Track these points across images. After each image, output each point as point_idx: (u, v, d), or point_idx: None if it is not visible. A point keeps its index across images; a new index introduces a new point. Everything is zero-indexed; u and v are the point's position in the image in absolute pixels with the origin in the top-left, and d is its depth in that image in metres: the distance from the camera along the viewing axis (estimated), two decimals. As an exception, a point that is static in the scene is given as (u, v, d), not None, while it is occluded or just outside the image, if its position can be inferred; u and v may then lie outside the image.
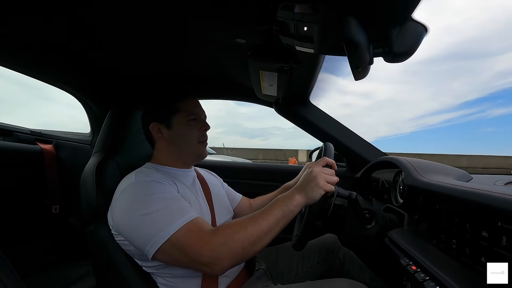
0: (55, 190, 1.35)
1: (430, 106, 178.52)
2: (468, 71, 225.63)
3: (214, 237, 0.60)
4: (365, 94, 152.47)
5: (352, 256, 0.99)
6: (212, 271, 0.60)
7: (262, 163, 1.69)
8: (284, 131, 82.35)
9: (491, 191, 0.50)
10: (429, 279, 0.55)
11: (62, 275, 1.20)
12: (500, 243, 0.48)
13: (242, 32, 0.74)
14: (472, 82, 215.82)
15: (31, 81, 1.12)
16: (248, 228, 0.62)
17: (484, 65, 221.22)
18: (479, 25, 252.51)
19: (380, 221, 0.85)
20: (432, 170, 0.82)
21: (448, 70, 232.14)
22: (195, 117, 0.84)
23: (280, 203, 0.67)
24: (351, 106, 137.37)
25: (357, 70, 0.54)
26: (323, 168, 0.72)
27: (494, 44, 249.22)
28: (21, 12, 0.70)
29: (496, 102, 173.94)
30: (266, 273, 0.88)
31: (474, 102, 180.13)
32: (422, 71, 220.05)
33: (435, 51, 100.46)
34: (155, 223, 0.61)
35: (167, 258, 0.62)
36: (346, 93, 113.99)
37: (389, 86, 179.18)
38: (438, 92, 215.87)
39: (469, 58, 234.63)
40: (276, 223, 0.64)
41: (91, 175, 0.79)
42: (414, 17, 0.48)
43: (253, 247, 0.62)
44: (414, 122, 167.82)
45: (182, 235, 0.60)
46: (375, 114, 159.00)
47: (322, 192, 0.68)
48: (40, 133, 1.41)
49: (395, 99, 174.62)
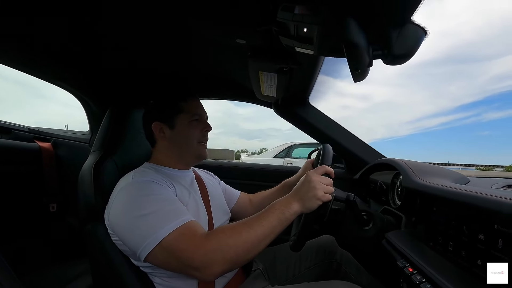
0: (53, 189, 1.34)
1: (427, 109, 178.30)
2: (464, 74, 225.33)
3: (207, 242, 0.60)
4: (363, 97, 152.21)
5: (349, 257, 0.99)
6: (203, 276, 0.59)
7: (261, 164, 1.69)
8: (281, 132, 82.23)
9: (488, 194, 0.50)
10: (425, 281, 0.55)
11: (60, 273, 1.19)
12: (496, 246, 0.48)
13: (242, 32, 0.74)
14: (468, 85, 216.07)
15: (26, 79, 1.12)
16: (242, 234, 0.61)
17: (480, 69, 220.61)
18: (475, 29, 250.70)
19: (378, 223, 0.85)
20: (430, 172, 0.82)
21: (444, 73, 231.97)
22: (197, 117, 0.84)
23: (276, 210, 0.66)
24: (349, 108, 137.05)
25: (357, 72, 0.54)
26: (322, 178, 0.70)
27: (490, 48, 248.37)
28: (21, 11, 0.70)
29: (492, 105, 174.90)
30: (263, 273, 0.88)
31: (470, 105, 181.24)
32: (418, 74, 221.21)
33: (431, 54, 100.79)
34: (149, 225, 0.61)
35: (159, 261, 0.62)
36: (344, 95, 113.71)
37: (386, 88, 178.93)
38: (434, 95, 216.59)
39: (465, 62, 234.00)
40: (271, 230, 0.63)
41: (89, 174, 0.78)
42: (414, 19, 0.48)
43: (247, 254, 0.61)
44: (411, 124, 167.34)
45: (174, 239, 0.59)
46: (372, 117, 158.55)
47: (319, 203, 0.67)
48: (38, 131, 1.41)
49: (392, 102, 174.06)
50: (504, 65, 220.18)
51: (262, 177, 1.54)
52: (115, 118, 0.91)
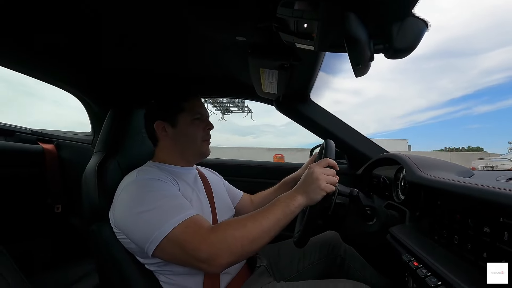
0: (57, 190, 1.35)
1: (418, 103, 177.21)
2: (455, 69, 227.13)
3: (213, 234, 0.60)
4: (355, 92, 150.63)
5: (353, 252, 0.99)
6: (210, 268, 0.59)
7: (263, 161, 1.69)
8: (275, 128, 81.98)
9: (493, 186, 0.50)
10: (431, 275, 0.55)
11: (65, 274, 1.20)
12: (502, 239, 0.48)
13: (242, 29, 0.73)
14: (458, 79, 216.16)
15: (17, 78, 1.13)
16: (248, 226, 0.62)
17: (470, 63, 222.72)
18: (464, 23, 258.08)
19: (382, 217, 0.85)
20: (433, 166, 0.82)
21: (435, 67, 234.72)
22: (199, 116, 0.85)
23: (281, 203, 0.67)
24: (341, 103, 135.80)
25: (358, 66, 0.54)
26: (325, 169, 0.71)
27: (479, 43, 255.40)
28: (22, 11, 0.70)
29: (481, 99, 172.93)
30: (267, 269, 0.88)
31: (460, 99, 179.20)
32: (410, 69, 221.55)
33: (423, 49, 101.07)
34: (154, 220, 0.61)
35: (166, 255, 0.62)
36: (337, 90, 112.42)
37: (378, 83, 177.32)
38: (425, 90, 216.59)
39: (455, 56, 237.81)
40: (276, 222, 0.64)
41: (92, 175, 0.79)
42: (415, 12, 0.48)
43: (252, 245, 0.61)
44: (403, 119, 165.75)
45: (180, 231, 0.60)
46: (365, 111, 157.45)
47: (323, 193, 0.68)
48: (41, 133, 1.42)
49: (384, 97, 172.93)
50: (493, 59, 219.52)
51: (265, 174, 1.54)
52: (117, 119, 0.91)
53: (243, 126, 74.31)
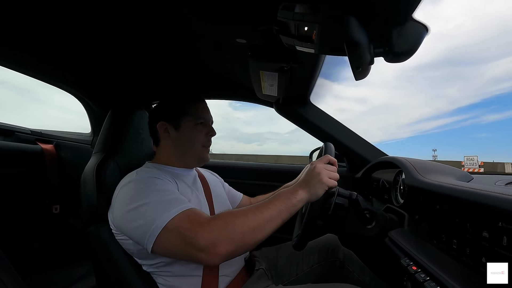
0: (56, 190, 1.35)
1: (425, 111, 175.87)
2: (462, 77, 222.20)
3: (212, 221, 0.60)
4: (360, 99, 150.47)
5: (352, 256, 0.99)
6: (208, 258, 0.57)
7: (263, 163, 1.69)
8: (280, 136, 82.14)
9: (492, 191, 0.50)
10: (429, 279, 0.55)
11: (63, 275, 1.20)
12: (501, 243, 0.47)
13: (242, 32, 0.74)
14: (465, 88, 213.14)
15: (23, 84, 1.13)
16: (249, 215, 0.61)
17: (477, 72, 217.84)
18: (471, 32, 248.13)
19: (381, 221, 0.84)
20: (433, 170, 0.82)
21: (441, 76, 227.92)
22: (203, 121, 0.85)
23: (283, 196, 0.66)
24: (347, 111, 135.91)
25: (358, 70, 0.54)
26: (326, 165, 0.72)
27: (486, 51, 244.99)
28: (22, 12, 0.70)
29: (489, 108, 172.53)
30: (266, 273, 0.87)
31: (468, 108, 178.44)
32: (416, 77, 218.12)
33: (429, 57, 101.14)
34: (152, 212, 0.61)
35: (165, 247, 0.60)
36: (342, 98, 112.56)
37: (384, 91, 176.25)
38: (432, 98, 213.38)
39: (462, 65, 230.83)
40: (278, 214, 0.62)
41: (91, 175, 0.79)
42: (415, 17, 0.48)
43: (253, 234, 0.59)
44: (409, 127, 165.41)
45: (179, 219, 0.59)
46: (370, 119, 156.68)
47: (325, 187, 0.68)
48: (40, 133, 1.42)
49: (390, 105, 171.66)
50: (501, 68, 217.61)
51: (266, 177, 1.54)
52: (117, 120, 0.91)
53: (248, 133, 74.42)
